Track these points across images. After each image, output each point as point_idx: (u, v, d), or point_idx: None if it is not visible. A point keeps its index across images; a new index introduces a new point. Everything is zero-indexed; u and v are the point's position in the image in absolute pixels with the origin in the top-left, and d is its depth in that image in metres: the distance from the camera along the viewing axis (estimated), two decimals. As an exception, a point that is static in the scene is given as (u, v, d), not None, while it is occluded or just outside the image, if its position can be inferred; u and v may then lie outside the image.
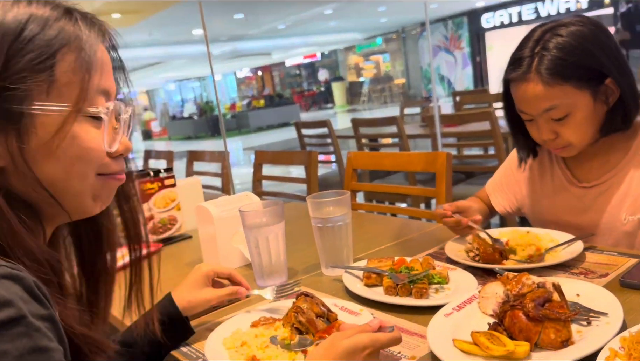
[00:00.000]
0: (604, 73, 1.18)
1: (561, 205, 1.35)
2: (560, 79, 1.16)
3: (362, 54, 25.67)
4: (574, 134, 1.21)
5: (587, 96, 1.18)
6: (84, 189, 0.66)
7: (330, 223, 1.24)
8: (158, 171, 1.77)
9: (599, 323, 0.84)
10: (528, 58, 1.19)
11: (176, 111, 28.39)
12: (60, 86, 0.62)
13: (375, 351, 0.75)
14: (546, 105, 1.18)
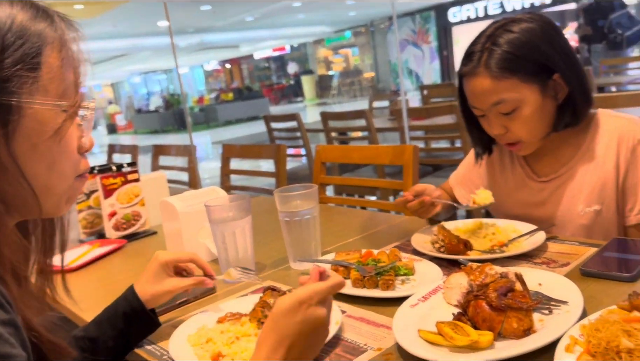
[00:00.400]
0: (551, 68, 1.20)
1: (521, 199, 1.37)
2: (508, 72, 1.18)
3: (331, 48, 25.67)
4: (523, 128, 1.22)
5: (535, 91, 1.20)
6: (63, 189, 0.67)
7: (297, 216, 1.24)
8: (121, 165, 1.73)
9: (560, 312, 0.86)
10: (479, 53, 1.22)
11: (142, 104, 27.89)
12: (46, 83, 0.63)
13: (319, 301, 0.70)
14: (494, 99, 1.20)
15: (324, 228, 1.33)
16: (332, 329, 0.90)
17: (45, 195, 0.65)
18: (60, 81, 0.64)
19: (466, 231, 1.29)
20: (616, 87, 5.24)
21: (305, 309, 0.69)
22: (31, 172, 0.62)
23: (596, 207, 1.26)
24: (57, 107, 0.64)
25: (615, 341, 0.67)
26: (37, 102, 0.62)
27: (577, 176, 1.28)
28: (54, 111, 0.63)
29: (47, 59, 0.63)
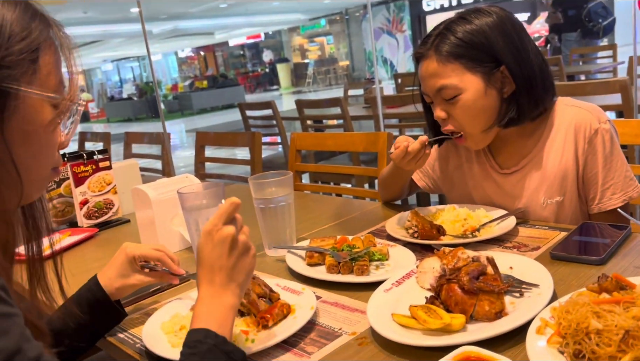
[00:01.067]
0: (499, 60, 1.20)
1: (486, 191, 1.38)
2: (453, 57, 1.20)
3: (306, 36, 25.53)
4: (463, 116, 1.23)
5: (479, 80, 1.20)
6: (41, 178, 0.71)
7: (272, 203, 1.23)
8: (92, 153, 1.69)
9: (530, 295, 0.88)
10: (433, 37, 1.24)
11: (114, 91, 27.31)
12: (43, 76, 0.67)
13: (223, 223, 0.78)
14: (438, 84, 1.22)
15: (299, 215, 1.33)
16: (307, 314, 0.90)
17: (26, 181, 0.67)
18: (55, 76, 0.68)
19: (439, 217, 1.30)
20: (585, 76, 5.34)
21: (215, 233, 0.77)
22: (17, 159, 0.65)
23: (558, 198, 1.27)
24: (52, 100, 0.67)
25: (585, 322, 0.68)
26: (35, 92, 0.65)
27: (538, 168, 1.29)
28: (48, 104, 0.67)
29: (44, 55, 0.67)
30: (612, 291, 0.76)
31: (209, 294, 0.76)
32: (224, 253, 0.77)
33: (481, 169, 1.39)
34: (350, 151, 2.60)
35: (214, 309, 0.75)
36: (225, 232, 0.77)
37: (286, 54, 26.66)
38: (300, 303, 0.95)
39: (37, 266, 0.77)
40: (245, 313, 0.93)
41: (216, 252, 0.77)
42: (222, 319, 0.74)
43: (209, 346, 0.70)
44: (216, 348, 0.70)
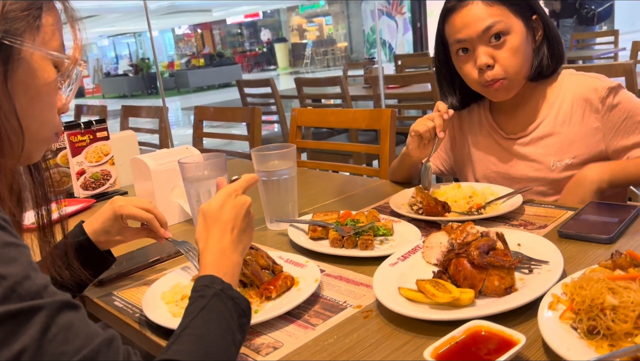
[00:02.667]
0: (532, 8, 1.26)
1: (491, 157, 1.38)
2: (498, 0, 1.22)
3: (305, 16, 25.25)
4: (510, 59, 1.23)
5: (521, 24, 1.24)
6: (43, 137, 0.71)
7: (275, 176, 1.21)
8: (90, 122, 1.66)
9: (540, 271, 0.86)
10: None
11: (110, 67, 27.03)
12: (45, 35, 0.67)
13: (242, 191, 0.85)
14: (487, 22, 1.22)
15: (301, 191, 1.31)
16: (311, 286, 0.88)
17: (27, 137, 0.67)
18: (57, 39, 0.69)
19: (444, 194, 1.28)
20: (583, 61, 5.30)
21: (234, 198, 0.83)
22: (20, 113, 0.65)
23: (567, 161, 1.28)
24: (54, 59, 0.68)
25: (600, 298, 0.66)
26: (39, 49, 0.66)
27: (546, 133, 1.30)
28: (51, 63, 0.68)
29: (47, 15, 0.68)
30: (627, 268, 0.74)
31: (219, 249, 0.78)
32: (240, 215, 0.82)
33: (486, 141, 1.40)
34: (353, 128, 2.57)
35: (222, 261, 0.77)
36: (245, 199, 0.84)
37: (284, 34, 26.37)
38: (304, 276, 0.93)
39: (47, 232, 0.79)
40: (248, 285, 0.91)
41: (234, 212, 0.81)
42: (230, 271, 0.76)
43: (216, 290, 0.70)
44: (223, 292, 0.71)
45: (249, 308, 0.72)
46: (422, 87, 3.55)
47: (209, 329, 0.66)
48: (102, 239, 0.97)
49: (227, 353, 0.66)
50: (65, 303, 0.54)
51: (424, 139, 1.30)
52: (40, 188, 0.78)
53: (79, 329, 0.53)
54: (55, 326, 0.51)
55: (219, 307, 0.69)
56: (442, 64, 1.37)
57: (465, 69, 1.28)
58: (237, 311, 0.70)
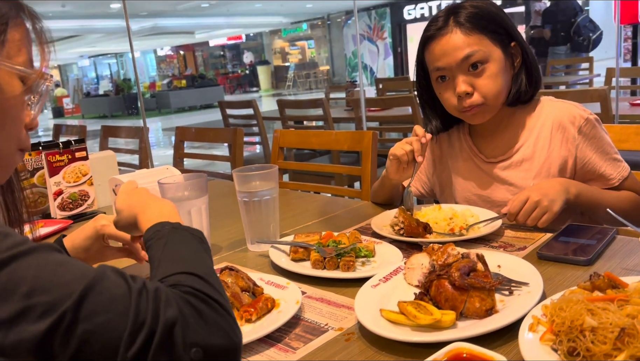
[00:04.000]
0: (510, 35, 1.28)
1: (471, 181, 1.40)
2: (478, 29, 1.24)
3: (287, 39, 25.52)
4: (489, 86, 1.25)
5: (499, 52, 1.26)
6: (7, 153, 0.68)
7: (256, 197, 1.20)
8: (68, 142, 1.63)
9: (520, 293, 0.86)
10: (443, 17, 1.27)
11: (90, 88, 26.86)
12: (11, 51, 0.66)
13: None
14: (466, 51, 1.23)
15: (282, 212, 1.30)
16: (292, 308, 0.87)
17: None
18: (24, 54, 0.68)
19: (425, 215, 1.29)
20: (565, 87, 5.44)
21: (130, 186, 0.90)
22: None
23: None
24: (20, 74, 0.67)
25: (580, 319, 0.67)
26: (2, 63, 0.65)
27: (525, 157, 1.32)
28: (17, 77, 0.67)
29: (13, 31, 0.67)
30: (605, 290, 0.75)
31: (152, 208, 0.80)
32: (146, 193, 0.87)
33: (466, 164, 1.41)
34: (335, 149, 2.58)
35: (160, 211, 0.78)
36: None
37: (267, 57, 26.58)
38: (285, 298, 0.92)
39: None
40: (228, 307, 0.89)
41: (139, 192, 0.87)
42: (172, 215, 0.77)
43: (169, 228, 0.71)
44: (176, 229, 0.71)
45: (204, 237, 0.74)
46: (403, 110, 3.60)
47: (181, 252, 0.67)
48: (81, 257, 0.96)
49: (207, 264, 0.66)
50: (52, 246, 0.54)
51: (402, 162, 1.31)
52: (14, 208, 0.76)
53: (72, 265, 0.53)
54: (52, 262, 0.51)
55: (179, 237, 0.70)
56: (423, 88, 1.38)
57: (444, 96, 1.30)
58: (196, 239, 0.71)
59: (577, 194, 1.21)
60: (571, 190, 1.20)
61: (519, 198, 1.17)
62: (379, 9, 18.58)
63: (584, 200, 1.23)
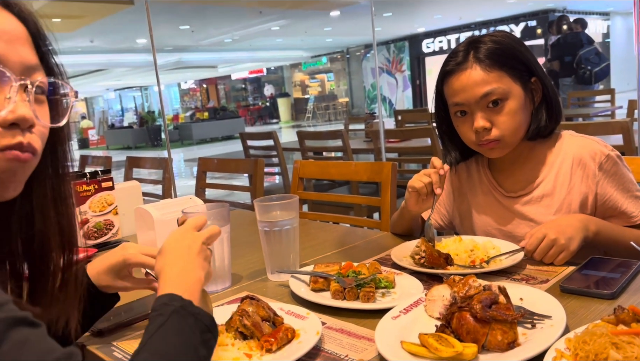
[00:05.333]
0: (531, 70, 1.27)
1: (491, 215, 1.38)
2: (497, 65, 1.24)
3: (307, 72, 25.92)
4: (507, 122, 1.24)
5: (519, 88, 1.26)
6: None
7: (277, 226, 1.21)
8: (95, 172, 1.68)
9: (543, 326, 0.85)
10: (463, 52, 1.27)
11: (115, 120, 27.50)
12: None
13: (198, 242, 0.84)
14: (485, 89, 1.23)
15: (302, 242, 1.31)
16: (312, 339, 0.87)
17: None
18: None
19: (445, 247, 1.29)
20: (583, 119, 5.41)
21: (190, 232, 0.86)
22: None
23: None
24: None
25: (604, 353, 0.66)
26: None
27: (546, 192, 1.31)
28: None
29: None
30: (630, 323, 0.74)
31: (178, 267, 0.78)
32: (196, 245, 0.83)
33: (486, 198, 1.40)
34: (354, 180, 2.59)
35: (182, 278, 0.76)
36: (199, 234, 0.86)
37: (287, 89, 26.99)
38: (305, 328, 0.92)
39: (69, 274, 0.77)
40: (249, 336, 0.90)
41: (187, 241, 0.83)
42: (190, 287, 0.75)
43: (175, 307, 0.69)
44: (183, 309, 0.69)
45: (213, 323, 0.71)
46: (422, 142, 3.61)
47: (168, 345, 0.64)
48: (104, 283, 0.96)
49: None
50: (21, 319, 0.52)
51: (421, 194, 1.31)
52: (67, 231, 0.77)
53: (33, 346, 0.51)
54: (7, 342, 0.49)
55: (178, 323, 0.67)
56: (442, 120, 1.39)
57: (462, 129, 1.31)
58: (199, 327, 0.68)
59: (596, 231, 1.19)
60: (590, 227, 1.18)
61: (536, 235, 1.16)
62: (398, 42, 18.82)
63: (603, 238, 1.21)
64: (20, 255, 0.76)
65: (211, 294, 1.19)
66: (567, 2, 14.29)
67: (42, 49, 0.73)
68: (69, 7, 8.84)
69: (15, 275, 0.76)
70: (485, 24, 16.10)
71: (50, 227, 0.75)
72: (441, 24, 16.65)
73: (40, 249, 0.76)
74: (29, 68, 0.69)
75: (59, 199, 0.76)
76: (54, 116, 0.74)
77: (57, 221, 0.75)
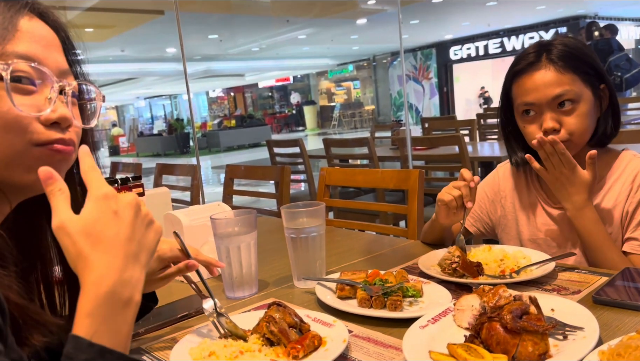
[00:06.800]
0: (601, 77, 1.26)
1: (539, 225, 1.37)
2: (570, 68, 1.23)
3: (333, 80, 26.00)
4: (577, 124, 1.24)
5: (590, 93, 1.25)
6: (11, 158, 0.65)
7: (304, 233, 1.22)
8: (126, 179, 1.71)
9: (575, 337, 0.83)
10: (534, 53, 1.27)
11: (145, 127, 28.03)
12: None
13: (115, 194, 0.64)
14: (558, 90, 1.23)
15: (328, 249, 1.31)
16: (339, 347, 0.87)
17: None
18: None
19: (474, 256, 1.27)
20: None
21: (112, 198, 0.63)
22: None
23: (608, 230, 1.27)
24: None
25: (639, 365, 0.64)
26: None
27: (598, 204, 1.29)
28: None
29: None
30: (667, 336, 0.72)
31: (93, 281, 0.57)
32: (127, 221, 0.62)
33: (531, 203, 1.39)
34: (380, 187, 2.58)
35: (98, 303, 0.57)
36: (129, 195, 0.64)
37: (313, 97, 27.11)
38: (332, 336, 0.92)
39: None
40: (275, 343, 0.90)
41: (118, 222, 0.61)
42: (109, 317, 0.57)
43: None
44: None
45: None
46: (450, 150, 3.58)
47: None
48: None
49: None
50: None
51: (450, 208, 1.30)
52: None
53: None
54: None
55: None
56: (508, 120, 1.38)
57: (528, 129, 1.29)
58: None
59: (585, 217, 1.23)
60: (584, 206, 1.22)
61: None
62: (425, 49, 18.73)
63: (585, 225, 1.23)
64: (50, 259, 0.78)
65: (238, 300, 1.19)
66: (599, 9, 14.01)
67: (70, 56, 0.77)
68: (101, 18, 9.08)
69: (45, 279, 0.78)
70: (514, 30, 15.90)
71: None
72: (469, 31, 16.51)
73: None
74: (63, 72, 0.73)
75: None
76: (83, 118, 0.78)
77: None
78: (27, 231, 0.76)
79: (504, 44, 16.38)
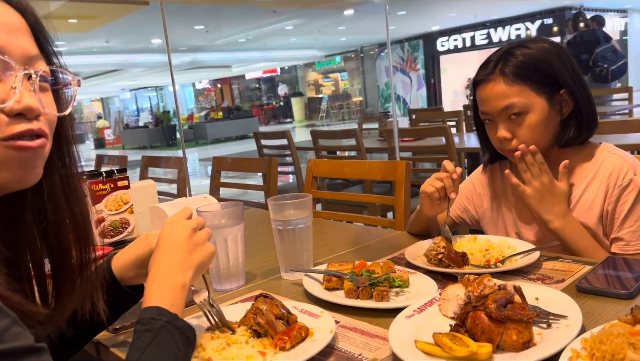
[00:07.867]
0: (560, 83, 1.26)
1: (523, 218, 1.39)
2: (520, 79, 1.25)
3: (321, 72, 25.93)
4: (527, 134, 1.27)
5: (543, 101, 1.26)
6: None
7: (291, 225, 1.22)
8: (111, 172, 1.70)
9: (558, 326, 0.84)
10: (494, 62, 1.30)
11: (131, 119, 27.77)
12: None
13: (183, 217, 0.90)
14: (505, 102, 1.26)
15: (315, 241, 1.31)
16: (326, 338, 0.87)
17: None
18: None
19: (460, 246, 1.28)
20: (600, 118, 5.34)
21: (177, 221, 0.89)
22: None
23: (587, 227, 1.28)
24: None
25: (621, 353, 0.65)
26: None
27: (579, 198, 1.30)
28: None
29: None
30: (648, 324, 0.73)
31: (162, 276, 0.80)
32: (183, 238, 0.84)
33: (516, 197, 1.40)
34: (368, 179, 2.59)
35: (166, 289, 0.78)
36: (188, 222, 0.88)
37: (301, 89, 27.03)
38: (319, 327, 0.92)
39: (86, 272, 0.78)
40: (262, 334, 0.90)
41: (175, 236, 0.84)
42: (175, 301, 0.77)
43: (163, 323, 0.72)
44: (169, 324, 0.72)
45: (194, 336, 0.76)
46: (437, 141, 3.59)
47: None
48: (132, 274, 0.93)
49: None
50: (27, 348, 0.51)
51: (433, 199, 1.31)
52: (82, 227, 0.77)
53: None
54: None
55: (166, 340, 0.70)
56: (478, 123, 1.41)
57: (490, 135, 1.35)
58: (183, 342, 0.72)
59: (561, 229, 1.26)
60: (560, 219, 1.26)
61: None
62: (412, 41, 18.73)
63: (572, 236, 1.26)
64: (39, 249, 0.77)
65: (225, 292, 1.19)
66: (584, 0, 14.11)
67: (41, 40, 0.73)
68: (85, 8, 8.94)
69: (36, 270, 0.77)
70: (501, 22, 15.95)
71: (64, 219, 0.75)
72: (456, 22, 16.53)
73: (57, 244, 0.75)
74: (30, 58, 0.68)
75: (68, 189, 0.75)
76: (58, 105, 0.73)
77: (71, 215, 0.75)
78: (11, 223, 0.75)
79: (490, 35, 16.43)
